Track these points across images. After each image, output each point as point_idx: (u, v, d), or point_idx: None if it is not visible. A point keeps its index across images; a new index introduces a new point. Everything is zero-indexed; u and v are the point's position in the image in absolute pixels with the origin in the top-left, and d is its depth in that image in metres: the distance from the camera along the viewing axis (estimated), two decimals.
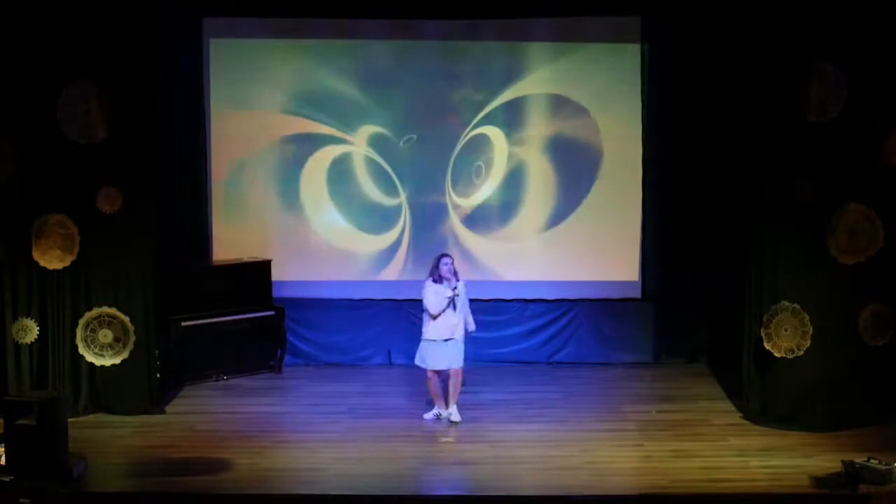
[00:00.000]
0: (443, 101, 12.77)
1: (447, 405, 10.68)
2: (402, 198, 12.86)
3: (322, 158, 12.83)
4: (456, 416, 10.66)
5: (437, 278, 10.48)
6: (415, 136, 12.77)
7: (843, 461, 9.04)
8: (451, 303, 10.40)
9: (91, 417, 10.76)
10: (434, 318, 10.44)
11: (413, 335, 12.45)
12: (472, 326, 10.69)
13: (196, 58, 12.59)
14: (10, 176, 10.50)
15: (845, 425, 10.26)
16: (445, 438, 10.32)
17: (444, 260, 10.52)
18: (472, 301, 10.80)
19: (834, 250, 10.30)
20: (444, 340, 10.45)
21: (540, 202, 12.86)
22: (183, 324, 11.87)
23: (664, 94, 12.56)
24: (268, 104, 12.76)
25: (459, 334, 10.52)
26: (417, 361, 10.67)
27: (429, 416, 10.76)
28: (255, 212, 12.87)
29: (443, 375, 10.67)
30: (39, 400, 9.13)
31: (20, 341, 10.69)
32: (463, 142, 12.79)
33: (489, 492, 9.03)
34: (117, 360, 10.81)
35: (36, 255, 10.61)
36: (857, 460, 9.00)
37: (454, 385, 10.64)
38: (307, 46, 12.72)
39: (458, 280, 10.50)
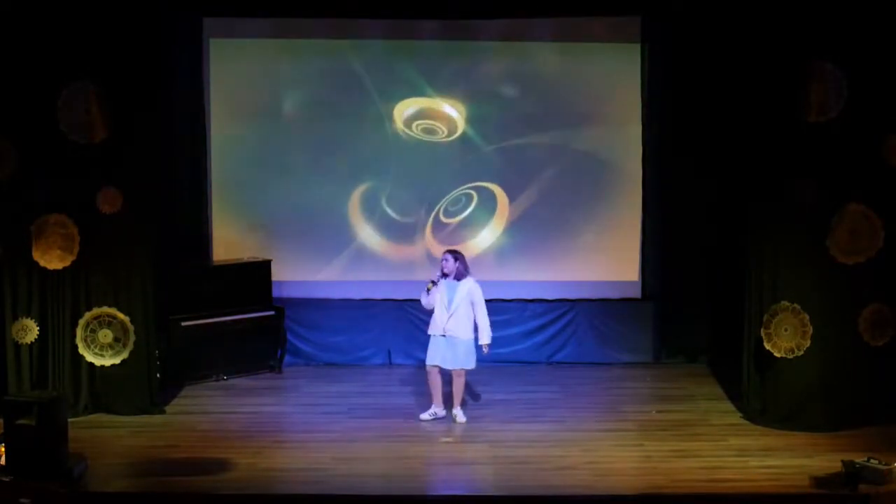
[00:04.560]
0: (443, 101, 12.77)
1: (452, 406, 10.66)
2: (404, 196, 12.87)
3: (322, 157, 12.82)
4: (461, 417, 10.64)
5: (441, 274, 10.56)
6: (415, 134, 12.77)
7: (843, 461, 9.04)
8: (427, 292, 10.50)
9: (91, 417, 10.76)
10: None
11: (413, 335, 12.50)
12: (482, 337, 10.55)
13: (196, 58, 12.59)
14: (10, 176, 10.49)
15: (845, 425, 10.27)
16: (445, 438, 10.33)
17: (444, 256, 10.61)
18: None
19: (834, 250, 10.30)
20: (437, 336, 10.51)
21: (539, 201, 12.85)
22: (183, 324, 11.87)
23: (664, 94, 12.56)
24: (268, 104, 12.76)
25: (457, 333, 10.46)
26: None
27: (424, 415, 10.71)
28: (255, 212, 12.87)
29: (445, 375, 10.65)
30: (39, 400, 9.12)
31: (20, 341, 10.69)
32: (464, 141, 12.79)
33: (489, 492, 9.04)
34: (117, 360, 10.81)
35: (36, 255, 10.60)
36: (857, 460, 9.00)
37: (454, 386, 10.63)
38: (307, 46, 12.72)
39: (462, 278, 10.49)
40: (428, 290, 10.52)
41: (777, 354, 10.46)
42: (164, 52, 11.12)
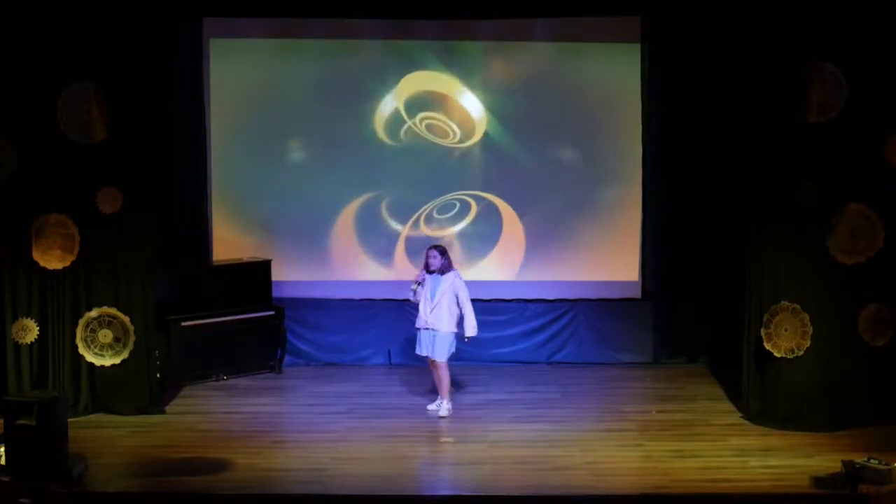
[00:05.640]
0: (443, 100, 12.76)
1: (442, 397, 10.87)
2: (401, 196, 12.87)
3: (323, 157, 12.83)
4: (442, 412, 10.77)
5: (427, 270, 10.76)
6: (414, 133, 12.77)
7: (843, 461, 9.04)
8: (414, 294, 10.74)
9: (91, 417, 10.76)
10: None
11: (413, 335, 12.48)
12: (467, 329, 10.67)
13: (196, 58, 12.59)
14: (10, 176, 10.49)
15: (845, 425, 10.27)
16: (445, 438, 10.33)
17: (430, 252, 10.76)
18: (472, 301, 10.80)
19: (834, 250, 10.30)
20: (422, 329, 10.74)
21: (539, 201, 12.86)
22: (183, 324, 11.87)
23: (664, 94, 12.55)
24: (268, 104, 12.76)
25: (438, 327, 10.63)
26: None
27: (431, 406, 10.95)
28: (255, 212, 12.87)
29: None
30: (39, 400, 9.12)
31: (20, 341, 10.69)
32: (462, 141, 12.79)
33: (489, 492, 9.03)
34: (117, 360, 10.81)
35: (36, 255, 10.61)
36: (857, 460, 9.00)
37: (436, 378, 10.81)
38: (307, 46, 12.72)
39: (447, 272, 10.64)
40: (414, 290, 10.73)
41: (777, 354, 10.46)
42: (164, 51, 11.12)
